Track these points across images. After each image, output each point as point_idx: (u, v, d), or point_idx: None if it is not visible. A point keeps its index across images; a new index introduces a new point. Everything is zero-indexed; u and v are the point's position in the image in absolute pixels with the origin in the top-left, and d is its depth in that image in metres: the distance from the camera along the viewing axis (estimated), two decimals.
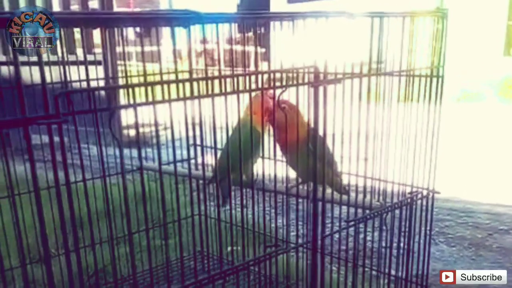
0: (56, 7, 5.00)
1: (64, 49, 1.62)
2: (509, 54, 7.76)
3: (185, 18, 0.89)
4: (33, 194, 1.65)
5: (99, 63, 3.44)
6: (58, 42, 0.89)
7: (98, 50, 4.18)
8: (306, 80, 1.22)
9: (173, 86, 1.00)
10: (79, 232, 1.74)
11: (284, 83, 1.19)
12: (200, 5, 11.46)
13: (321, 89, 1.16)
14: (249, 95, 1.14)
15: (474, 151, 4.68)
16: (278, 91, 1.17)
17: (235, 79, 1.07)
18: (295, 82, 1.22)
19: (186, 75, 1.91)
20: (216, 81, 1.04)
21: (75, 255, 1.01)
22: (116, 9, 4.83)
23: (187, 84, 1.01)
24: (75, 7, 5.05)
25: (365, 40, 1.34)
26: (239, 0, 10.85)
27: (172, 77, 1.71)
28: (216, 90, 1.03)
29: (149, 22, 0.93)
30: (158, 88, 0.96)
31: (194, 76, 1.91)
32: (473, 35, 7.40)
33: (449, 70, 1.58)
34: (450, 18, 1.49)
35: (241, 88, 1.08)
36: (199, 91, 1.01)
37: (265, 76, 1.13)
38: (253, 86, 1.10)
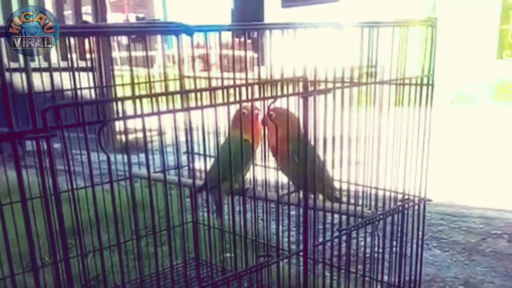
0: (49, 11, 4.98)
1: (57, 56, 1.62)
2: (501, 57, 7.81)
3: (176, 31, 0.89)
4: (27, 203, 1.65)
5: (91, 69, 3.43)
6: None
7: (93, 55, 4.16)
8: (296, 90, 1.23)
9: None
10: (72, 240, 1.74)
11: (274, 92, 1.20)
12: (194, 9, 11.45)
13: (311, 99, 1.16)
14: (239, 106, 1.15)
15: (467, 154, 4.70)
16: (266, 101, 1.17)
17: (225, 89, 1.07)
18: (285, 91, 1.22)
19: (178, 82, 1.91)
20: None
21: (65, 264, 1.00)
22: (109, 14, 4.83)
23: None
24: (68, 12, 5.03)
25: (356, 47, 1.34)
26: (233, 4, 10.86)
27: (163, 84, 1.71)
28: (207, 99, 1.03)
29: (142, 33, 0.93)
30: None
31: (185, 81, 1.91)
32: (466, 39, 7.44)
33: (443, 73, 1.59)
34: (443, 21, 1.51)
35: (230, 96, 1.08)
36: (188, 102, 1.01)
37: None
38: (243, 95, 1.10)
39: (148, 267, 2.13)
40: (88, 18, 4.89)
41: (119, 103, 0.94)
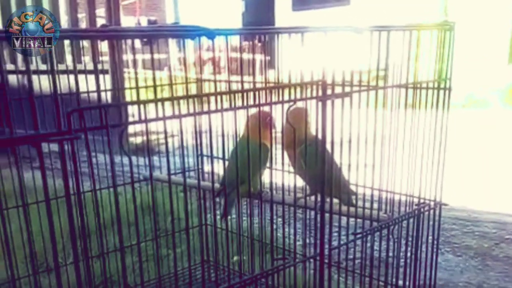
0: (63, 14, 5.02)
1: (73, 59, 1.63)
2: None
3: (198, 34, 0.90)
4: (40, 204, 1.67)
5: (106, 72, 3.46)
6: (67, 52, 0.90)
7: (104, 58, 4.19)
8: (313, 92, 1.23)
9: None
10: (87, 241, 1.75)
11: (291, 95, 1.20)
12: (205, 12, 11.49)
13: (329, 103, 1.16)
14: (258, 109, 1.15)
15: (479, 159, 4.66)
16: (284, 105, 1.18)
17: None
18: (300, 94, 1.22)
19: (194, 85, 1.92)
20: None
21: (85, 264, 1.01)
22: (122, 17, 4.85)
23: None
24: (82, 15, 5.07)
25: (369, 50, 1.34)
26: (244, 7, 10.88)
27: (180, 87, 1.73)
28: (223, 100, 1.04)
29: (161, 37, 0.94)
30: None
31: (199, 84, 1.92)
32: (478, 42, 7.39)
33: (455, 76, 1.59)
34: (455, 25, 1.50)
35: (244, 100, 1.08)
36: (209, 104, 1.02)
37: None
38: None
39: (157, 269, 2.14)
40: (101, 21, 4.92)
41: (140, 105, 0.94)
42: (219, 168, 1.69)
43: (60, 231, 1.70)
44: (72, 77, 1.65)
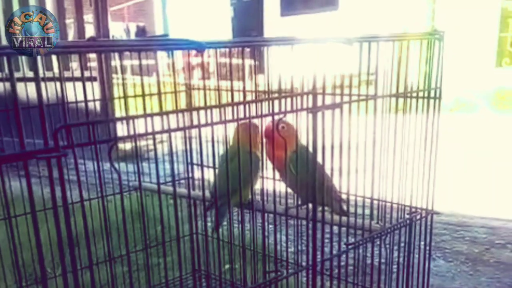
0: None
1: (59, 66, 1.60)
2: (500, 65, 7.82)
3: (188, 47, 0.89)
4: (29, 215, 1.64)
5: (94, 79, 3.44)
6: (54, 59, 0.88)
7: (93, 63, 4.16)
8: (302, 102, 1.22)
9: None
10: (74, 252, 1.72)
11: (282, 106, 1.19)
12: (194, 17, 11.46)
13: (319, 114, 1.16)
14: (249, 121, 1.14)
15: (468, 163, 4.69)
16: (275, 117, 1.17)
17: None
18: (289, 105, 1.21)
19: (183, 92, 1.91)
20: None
21: (73, 276, 0.99)
22: (110, 22, 4.82)
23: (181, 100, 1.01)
24: (70, 20, 5.04)
25: (358, 58, 1.33)
26: (233, 13, 10.89)
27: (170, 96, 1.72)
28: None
29: (151, 50, 0.93)
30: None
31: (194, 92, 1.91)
32: (466, 46, 7.45)
33: (442, 80, 1.59)
34: (442, 29, 1.50)
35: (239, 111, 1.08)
36: (198, 116, 1.01)
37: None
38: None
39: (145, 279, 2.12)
40: (89, 26, 4.87)
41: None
42: (209, 176, 1.68)
43: (49, 242, 1.68)
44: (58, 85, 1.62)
